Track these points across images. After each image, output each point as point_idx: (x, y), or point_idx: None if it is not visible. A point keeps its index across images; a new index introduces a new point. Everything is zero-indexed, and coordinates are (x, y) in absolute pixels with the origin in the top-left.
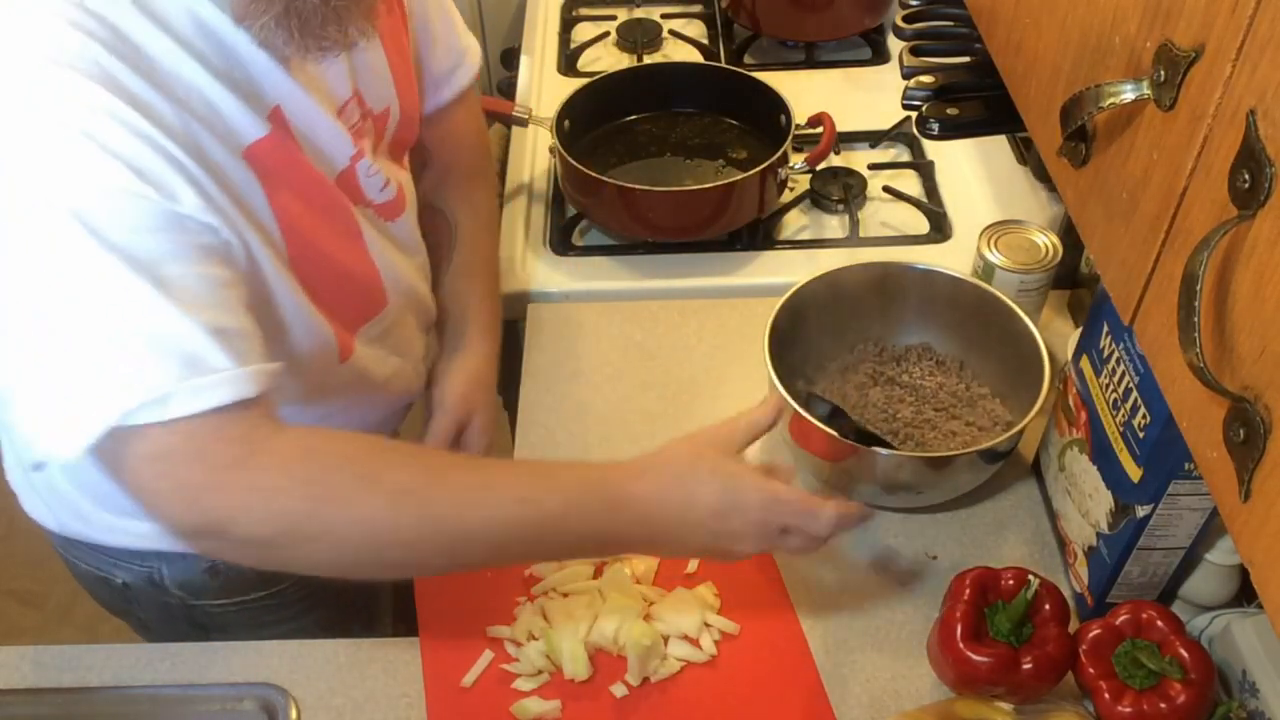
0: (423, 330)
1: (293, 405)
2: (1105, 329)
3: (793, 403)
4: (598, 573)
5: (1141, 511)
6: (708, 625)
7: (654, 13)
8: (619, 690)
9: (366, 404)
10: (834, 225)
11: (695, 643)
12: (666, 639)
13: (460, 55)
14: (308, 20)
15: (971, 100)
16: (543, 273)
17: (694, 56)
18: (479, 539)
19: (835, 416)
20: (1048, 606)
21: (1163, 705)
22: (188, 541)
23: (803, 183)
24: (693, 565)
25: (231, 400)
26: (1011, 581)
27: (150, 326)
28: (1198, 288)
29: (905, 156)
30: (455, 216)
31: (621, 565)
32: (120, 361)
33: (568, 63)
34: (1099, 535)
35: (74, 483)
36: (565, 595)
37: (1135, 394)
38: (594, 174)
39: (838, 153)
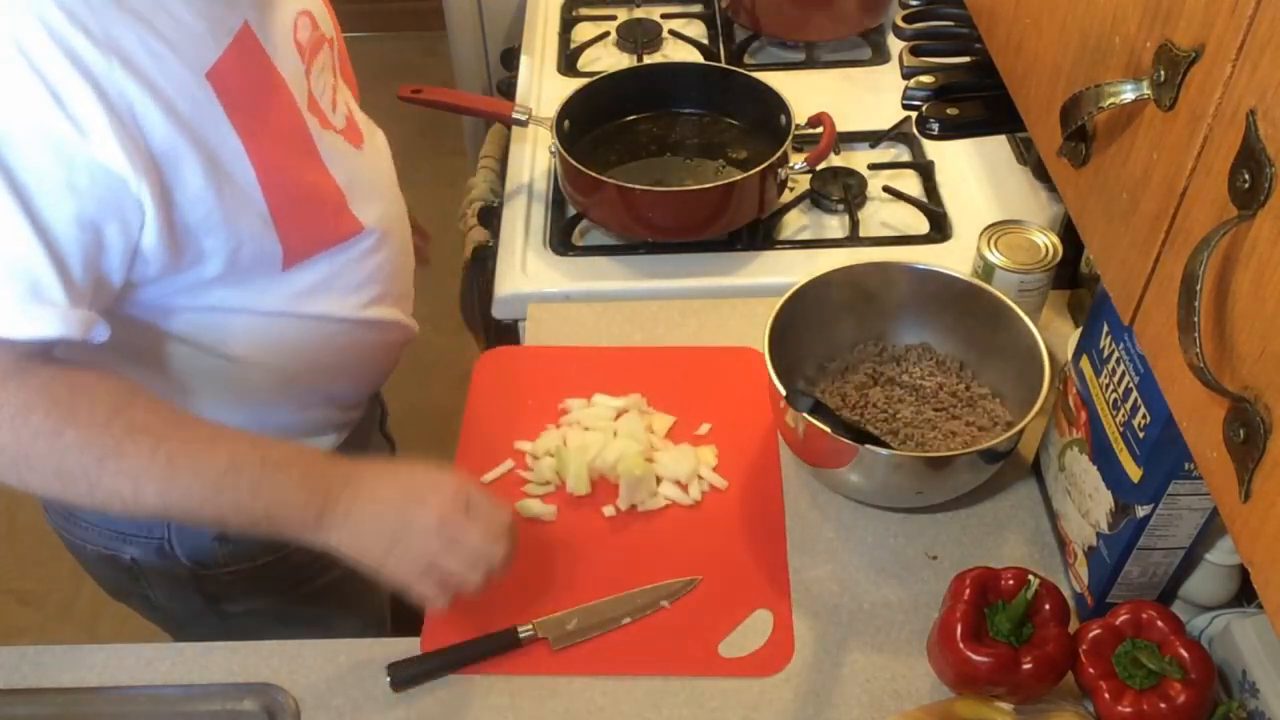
0: (410, 269)
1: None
2: (1105, 329)
3: (795, 408)
4: (618, 417)
5: (1141, 511)
6: (700, 477)
7: (654, 13)
8: (608, 510)
9: (355, 331)
10: (834, 225)
11: (684, 487)
12: (660, 479)
13: None
14: None
15: (971, 100)
16: (543, 273)
17: (694, 56)
18: (200, 476)
19: (818, 411)
20: (1048, 606)
21: (1163, 705)
22: None
23: (803, 183)
24: (703, 428)
25: (59, 336)
26: (1011, 581)
27: (8, 248)
28: (1198, 288)
29: (905, 156)
30: None
31: (640, 417)
32: None
33: (568, 63)
34: (1099, 535)
35: None
36: (586, 429)
37: (1135, 394)
38: (594, 174)
39: (838, 153)
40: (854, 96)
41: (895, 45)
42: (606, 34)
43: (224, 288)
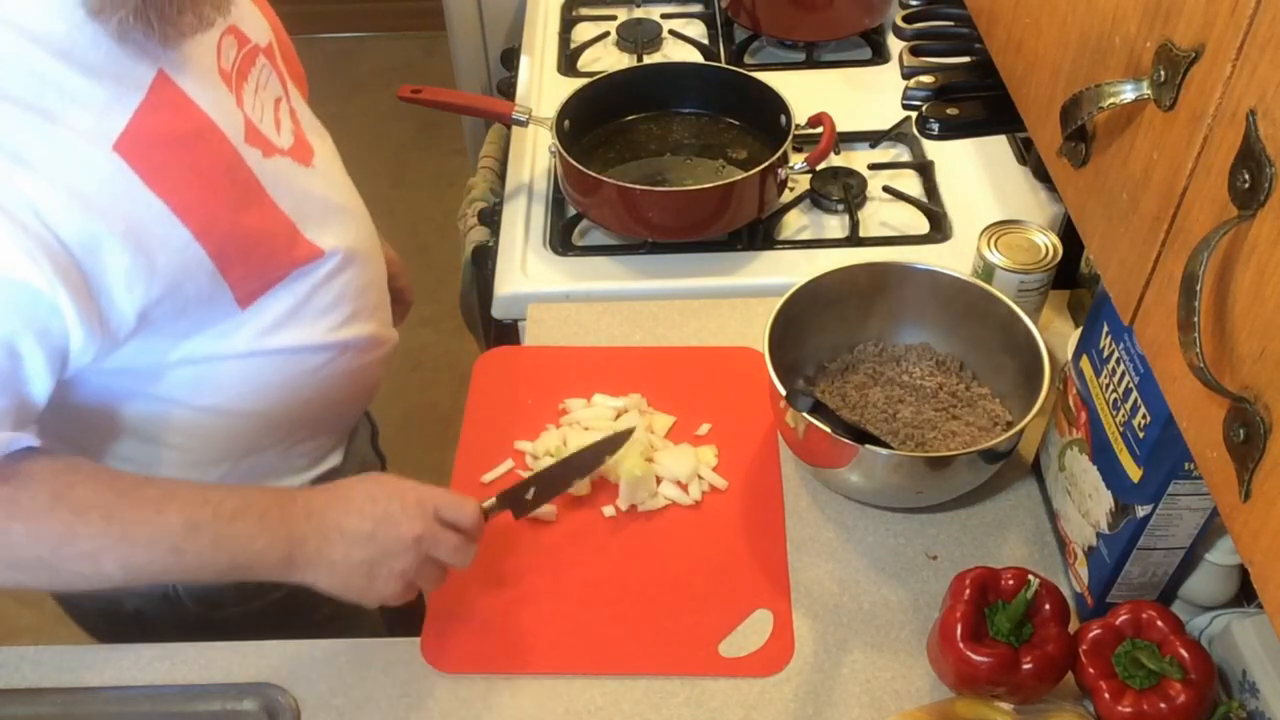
0: (379, 278)
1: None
2: (1105, 329)
3: (795, 408)
4: (618, 417)
5: (1141, 511)
6: (699, 477)
7: (654, 13)
8: (609, 511)
9: (332, 358)
10: (834, 225)
11: (684, 488)
12: (660, 480)
13: None
14: (164, 10)
15: (971, 100)
16: (543, 273)
17: (694, 56)
18: (159, 543)
19: (818, 411)
20: (1048, 606)
21: (1163, 705)
22: None
23: (803, 183)
24: (703, 428)
25: None
26: (1011, 581)
27: None
28: (1198, 288)
29: (905, 156)
30: None
31: (640, 417)
32: None
33: (568, 63)
34: (1099, 535)
35: None
36: (586, 429)
37: (1135, 394)
38: (594, 174)
39: (838, 153)
40: (854, 96)
41: (895, 45)
42: (606, 34)
43: (184, 340)
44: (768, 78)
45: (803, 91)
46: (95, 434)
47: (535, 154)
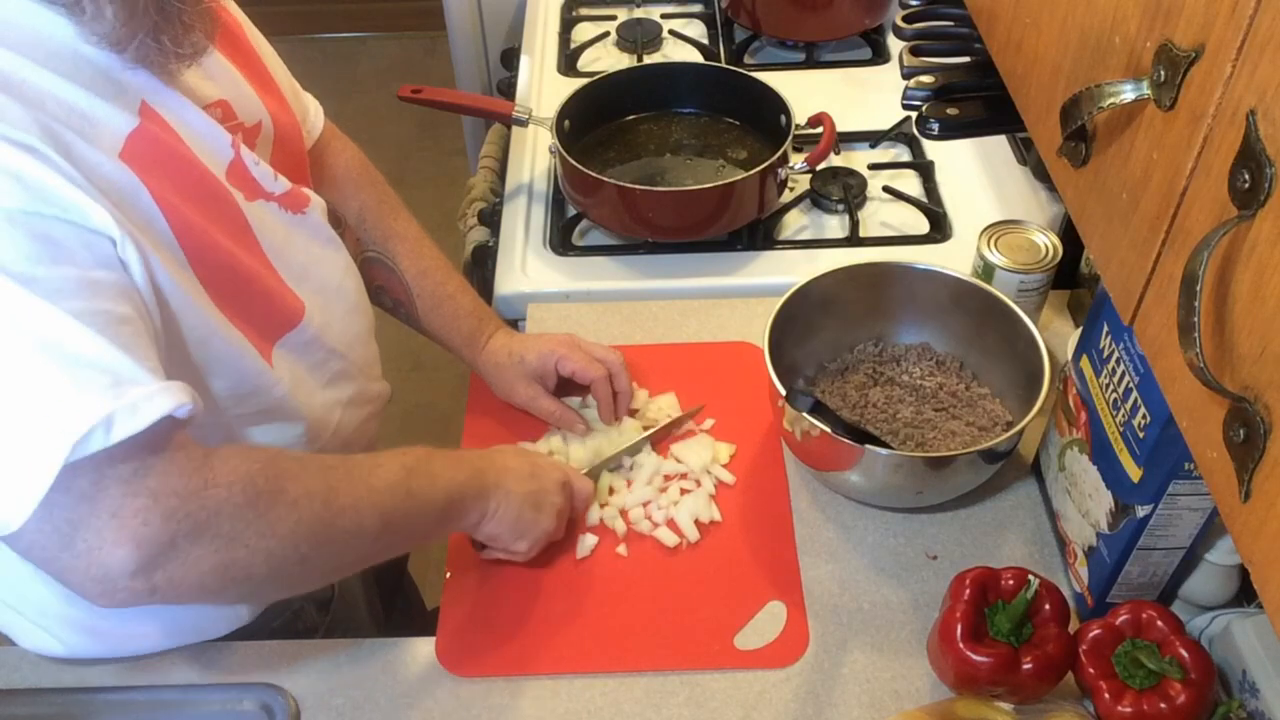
0: (366, 332)
1: (254, 428)
2: (1105, 329)
3: (794, 408)
4: (616, 418)
5: (1141, 511)
6: (708, 473)
7: (654, 13)
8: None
9: (325, 410)
10: (834, 225)
11: (696, 482)
12: (670, 477)
13: (305, 107)
14: (174, 29)
15: (971, 100)
16: (543, 273)
17: (694, 56)
18: (396, 487)
19: (818, 411)
20: (1048, 606)
21: (1163, 705)
22: (140, 579)
23: (803, 183)
24: (706, 424)
25: (172, 409)
26: (1011, 581)
27: (68, 351)
28: (1198, 288)
29: (905, 156)
30: (394, 260)
31: (636, 419)
32: (48, 396)
33: (568, 63)
34: (1099, 535)
35: (66, 597)
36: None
37: (1135, 394)
38: (594, 174)
39: (838, 153)
40: (854, 96)
41: (895, 45)
42: (606, 34)
43: (228, 397)
44: (768, 78)
45: (803, 91)
46: None
47: (535, 154)
